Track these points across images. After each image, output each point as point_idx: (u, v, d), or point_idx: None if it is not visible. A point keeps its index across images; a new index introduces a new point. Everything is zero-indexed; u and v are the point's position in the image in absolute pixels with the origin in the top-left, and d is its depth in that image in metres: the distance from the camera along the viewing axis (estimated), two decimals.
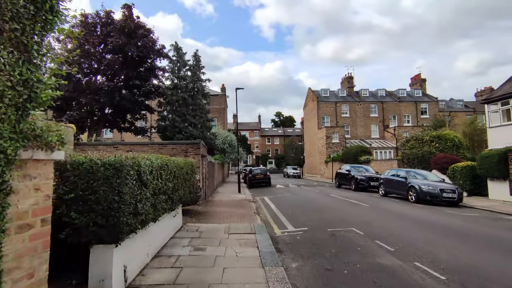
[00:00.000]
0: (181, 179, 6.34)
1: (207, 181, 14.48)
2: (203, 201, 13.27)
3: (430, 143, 19.21)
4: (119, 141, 15.30)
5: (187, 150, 11.81)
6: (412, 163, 18.89)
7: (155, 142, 12.00)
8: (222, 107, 39.55)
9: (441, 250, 5.69)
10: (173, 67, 23.62)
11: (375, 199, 14.05)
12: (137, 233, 4.17)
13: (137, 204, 3.84)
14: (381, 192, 15.54)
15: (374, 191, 18.39)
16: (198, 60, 24.78)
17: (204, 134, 22.72)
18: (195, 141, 11.89)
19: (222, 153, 29.17)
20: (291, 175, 41.25)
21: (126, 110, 19.64)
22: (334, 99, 43.70)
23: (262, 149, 76.20)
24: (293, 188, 22.08)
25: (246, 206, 12.18)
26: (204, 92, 24.69)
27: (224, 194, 17.36)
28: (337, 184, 21.95)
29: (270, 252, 5.57)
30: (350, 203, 12.61)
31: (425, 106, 44.04)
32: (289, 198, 15.21)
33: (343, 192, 17.71)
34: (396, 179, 14.26)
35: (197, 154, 11.83)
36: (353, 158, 28.29)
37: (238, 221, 8.79)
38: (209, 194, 15.44)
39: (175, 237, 6.63)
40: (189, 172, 7.21)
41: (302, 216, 9.63)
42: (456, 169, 15.19)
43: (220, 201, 13.72)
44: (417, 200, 12.35)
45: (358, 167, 20.91)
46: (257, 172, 24.04)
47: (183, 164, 6.61)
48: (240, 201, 13.72)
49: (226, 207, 11.68)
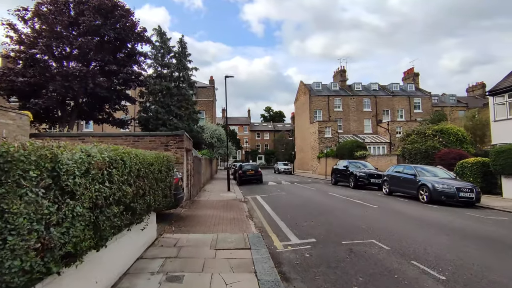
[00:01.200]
0: (150, 179, 4.65)
1: (192, 179, 12.77)
2: (187, 202, 11.58)
3: (433, 138, 18.00)
4: (86, 132, 13.40)
5: (168, 143, 10.07)
6: (414, 159, 17.64)
7: (130, 134, 10.20)
8: (210, 100, 37.61)
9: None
10: (156, 54, 21.63)
11: (380, 199, 12.65)
12: (61, 274, 2.50)
13: (50, 229, 2.15)
14: (385, 190, 14.18)
15: (373, 189, 17.08)
16: (183, 47, 22.82)
17: (190, 127, 20.92)
18: (178, 132, 10.15)
19: (210, 148, 27.40)
20: (282, 171, 39.85)
21: (103, 99, 17.59)
22: (327, 92, 42.36)
23: (252, 144, 74.57)
24: (287, 185, 20.57)
25: (236, 207, 10.56)
26: (190, 81, 22.82)
27: (212, 192, 15.68)
28: (334, 181, 20.57)
29: (274, 282, 3.97)
30: (355, 204, 11.15)
31: (418, 100, 43.25)
32: (284, 197, 13.67)
33: (342, 190, 16.30)
34: (403, 176, 12.89)
35: (180, 148, 10.11)
36: (348, 153, 27.00)
37: (228, 229, 7.17)
38: (195, 193, 13.75)
39: (144, 257, 4.94)
40: (163, 170, 5.50)
41: (305, 220, 8.09)
42: (466, 165, 13.95)
43: (207, 202, 12.04)
44: (430, 201, 10.99)
45: (355, 163, 19.56)
46: (247, 168, 22.40)
47: (154, 159, 4.90)
48: (230, 201, 12.08)
49: (214, 210, 10.02)
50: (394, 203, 11.41)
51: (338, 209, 9.89)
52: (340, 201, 11.92)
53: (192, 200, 12.34)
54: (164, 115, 20.09)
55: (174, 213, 8.85)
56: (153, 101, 21.27)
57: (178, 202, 8.00)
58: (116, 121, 19.42)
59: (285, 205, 11.14)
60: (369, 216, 8.60)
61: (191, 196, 12.49)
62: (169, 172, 6.02)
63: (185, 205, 10.82)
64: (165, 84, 21.08)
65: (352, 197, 13.11)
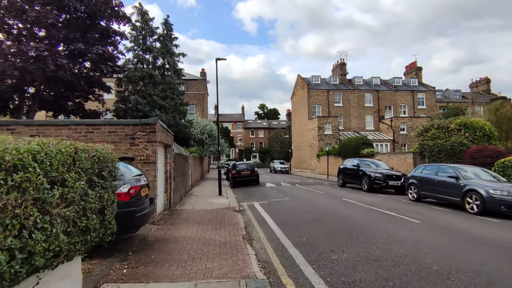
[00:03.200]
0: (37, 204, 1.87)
1: (173, 183, 9.99)
2: (165, 214, 8.81)
3: (458, 133, 15.52)
4: (17, 120, 10.55)
5: (135, 135, 7.28)
6: (437, 157, 15.12)
7: (81, 122, 7.36)
8: (201, 93, 34.68)
9: None
10: (137, 35, 18.67)
11: (413, 208, 10.05)
12: None
13: None
14: (412, 195, 11.60)
15: (390, 192, 14.53)
16: (169, 29, 19.90)
17: (176, 121, 18.07)
18: (148, 120, 7.36)
19: (201, 145, 24.57)
20: (279, 171, 37.19)
21: (69, 86, 14.62)
22: (326, 87, 39.80)
23: (246, 142, 71.75)
24: (287, 187, 17.89)
25: (229, 221, 7.82)
26: (176, 68, 19.91)
27: (200, 197, 12.91)
28: (341, 183, 17.96)
29: None
30: (387, 217, 8.50)
31: (422, 96, 40.99)
32: (288, 205, 10.98)
33: (355, 195, 13.69)
34: (438, 179, 10.30)
35: (151, 142, 7.33)
36: (353, 151, 24.43)
37: (216, 266, 4.44)
38: (177, 200, 10.97)
39: None
40: (80, 182, 2.72)
41: (331, 248, 5.41)
42: (508, 165, 11.44)
43: (191, 212, 9.27)
44: (482, 211, 8.41)
45: (366, 162, 16.98)
46: (242, 167, 19.64)
47: (42, 158, 2.12)
48: (221, 211, 9.33)
49: (198, 226, 7.26)
50: (436, 215, 8.77)
51: (370, 227, 7.21)
52: (365, 212, 9.26)
53: (172, 210, 9.56)
54: (146, 106, 17.18)
55: (138, 236, 6.07)
56: (133, 90, 18.35)
57: (138, 223, 5.23)
58: (87, 113, 16.48)
59: (293, 218, 8.44)
60: (426, 242, 5.90)
61: (171, 204, 9.72)
62: (106, 182, 3.26)
63: (160, 218, 8.05)
64: (147, 70, 18.17)
65: (375, 205, 10.48)
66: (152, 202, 6.31)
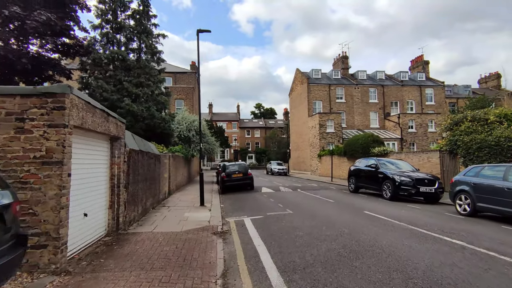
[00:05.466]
0: None
1: (123, 193, 6.73)
2: (104, 243, 5.56)
3: (500, 125, 12.46)
4: None
5: (25, 116, 4.06)
6: (477, 156, 12.04)
7: None
8: (191, 87, 31.39)
9: None
10: (105, 9, 15.38)
11: (479, 229, 6.90)
12: None
13: None
14: (463, 207, 8.45)
15: (419, 201, 11.42)
16: (146, 4, 16.63)
17: (151, 112, 14.77)
18: (50, 87, 4.15)
19: (187, 143, 21.31)
20: (276, 172, 33.97)
21: (8, 66, 11.32)
22: (327, 81, 36.69)
23: (241, 143, 68.47)
24: (288, 194, 14.68)
25: (198, 262, 4.56)
26: (154, 50, 16.63)
27: (173, 210, 9.64)
28: (353, 188, 14.79)
29: None
30: (457, 250, 5.33)
31: (430, 91, 38.03)
32: (294, 224, 7.75)
33: (377, 204, 10.53)
34: (510, 187, 7.15)
35: (57, 126, 4.09)
36: (361, 150, 21.31)
37: None
38: (136, 216, 7.71)
39: None
40: None
41: None
42: None
43: (145, 239, 5.98)
44: None
45: (382, 161, 13.84)
46: (233, 169, 16.39)
47: None
48: (193, 237, 6.08)
49: (137, 278, 4.00)
50: None
51: (441, 277, 4.03)
52: (411, 239, 6.07)
53: (120, 233, 6.31)
54: (113, 94, 13.89)
55: None
56: (101, 76, 15.05)
57: None
58: None
59: (305, 252, 5.22)
60: None
61: (118, 226, 6.46)
62: None
63: (87, 253, 4.79)
64: (117, 51, 14.89)
65: (420, 224, 7.29)
66: (25, 241, 3.07)
